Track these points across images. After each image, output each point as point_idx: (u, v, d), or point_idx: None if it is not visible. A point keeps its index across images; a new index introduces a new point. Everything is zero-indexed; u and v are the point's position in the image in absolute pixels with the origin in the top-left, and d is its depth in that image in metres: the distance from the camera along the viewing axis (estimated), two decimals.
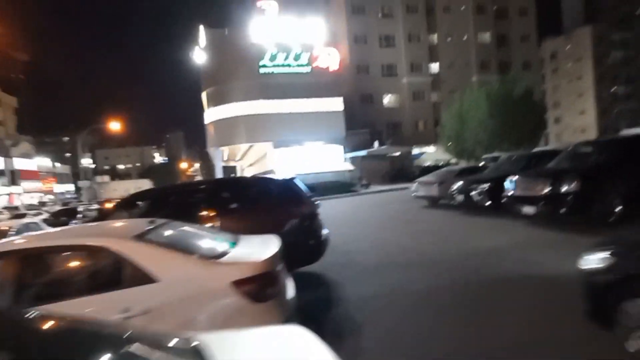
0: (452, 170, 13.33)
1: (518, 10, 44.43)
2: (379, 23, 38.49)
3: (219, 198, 5.35)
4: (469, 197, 9.94)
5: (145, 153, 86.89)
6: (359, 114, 36.31)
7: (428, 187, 12.44)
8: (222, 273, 2.62)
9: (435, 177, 12.60)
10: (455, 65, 41.94)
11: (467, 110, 25.91)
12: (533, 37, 46.06)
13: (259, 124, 30.35)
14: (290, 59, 30.44)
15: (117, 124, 31.89)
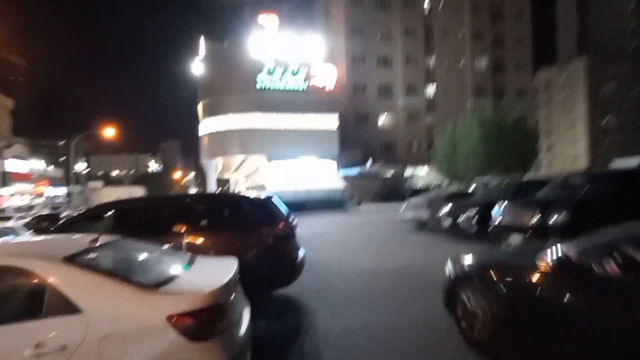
0: (442, 193, 13.15)
1: (514, 38, 45.52)
2: (378, 44, 39.17)
3: (189, 214, 5.06)
4: (457, 223, 9.63)
5: (140, 161, 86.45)
6: (354, 133, 36.42)
7: (416, 210, 12.18)
8: (158, 305, 2.27)
9: (424, 200, 12.32)
10: (451, 89, 42.53)
11: (460, 134, 26.10)
12: (528, 66, 47.09)
13: (253, 137, 30.23)
14: (287, 74, 30.66)
15: (111, 130, 31.73)
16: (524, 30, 46.25)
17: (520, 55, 46.01)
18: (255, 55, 29.87)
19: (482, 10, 43.48)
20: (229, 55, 30.55)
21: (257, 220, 4.93)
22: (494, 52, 44.39)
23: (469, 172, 25.51)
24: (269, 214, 5.05)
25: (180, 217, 4.93)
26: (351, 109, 36.99)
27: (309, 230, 13.10)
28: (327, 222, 17.13)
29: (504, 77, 45.07)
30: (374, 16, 38.71)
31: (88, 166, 72.54)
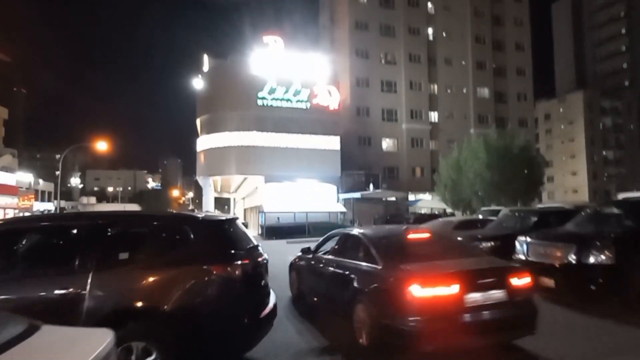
0: (449, 221, 12.14)
1: (515, 70, 45.68)
2: (382, 68, 38.89)
3: (101, 243, 3.34)
4: None
5: (138, 177, 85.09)
6: (356, 156, 35.57)
7: None
8: None
9: (435, 228, 11.41)
10: (453, 116, 42.17)
11: (465, 159, 25.27)
12: (530, 97, 47.00)
13: (252, 156, 29.19)
14: (289, 93, 30.07)
15: (104, 144, 30.53)
16: (525, 62, 46.59)
17: (521, 86, 46.03)
18: (257, 72, 29.17)
19: (483, 41, 43.96)
20: (230, 72, 30.00)
21: (206, 253, 3.34)
22: (496, 82, 44.30)
23: (474, 198, 24.52)
24: (224, 244, 3.49)
25: (87, 246, 3.30)
26: (354, 131, 36.27)
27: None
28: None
29: (506, 107, 44.87)
30: (378, 41, 38.46)
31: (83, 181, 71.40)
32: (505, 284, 3.67)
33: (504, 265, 4.14)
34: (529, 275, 3.84)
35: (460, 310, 3.47)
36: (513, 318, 3.68)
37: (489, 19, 44.18)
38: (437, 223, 12.14)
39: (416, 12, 40.42)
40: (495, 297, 3.60)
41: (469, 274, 3.68)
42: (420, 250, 4.40)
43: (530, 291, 3.88)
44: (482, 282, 3.63)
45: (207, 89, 30.92)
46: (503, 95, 44.93)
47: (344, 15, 38.49)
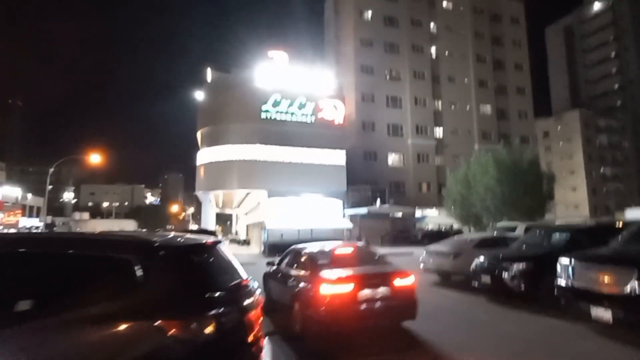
0: (468, 239, 10.41)
1: (515, 88, 45.41)
2: (387, 84, 38.14)
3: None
4: (498, 279, 7.26)
5: (137, 192, 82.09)
6: (361, 171, 34.06)
7: (441, 259, 9.73)
8: None
9: (449, 248, 9.83)
10: (458, 132, 41.28)
11: (474, 174, 23.84)
12: (530, 115, 46.46)
13: (254, 170, 27.47)
14: (294, 107, 28.71)
15: (97, 156, 28.59)
16: (524, 81, 46.35)
17: (522, 104, 45.57)
18: (261, 85, 27.98)
19: (484, 60, 43.72)
20: (234, 84, 28.64)
21: (162, 299, 2.07)
22: (497, 99, 43.92)
23: (484, 214, 22.94)
24: (192, 284, 2.22)
25: None
26: (359, 146, 34.92)
27: None
28: None
29: (508, 123, 44.20)
30: (383, 57, 37.90)
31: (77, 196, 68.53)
32: (389, 283, 4.89)
33: (389, 270, 5.28)
34: (408, 276, 5.05)
35: (355, 302, 4.65)
36: (396, 307, 4.90)
37: (489, 39, 44.28)
38: (455, 242, 10.56)
39: (419, 31, 40.17)
40: (381, 292, 4.80)
41: (361, 276, 4.90)
42: (340, 260, 5.50)
43: (411, 288, 5.09)
44: (371, 282, 4.82)
45: (209, 100, 29.46)
46: (505, 112, 44.41)
47: (349, 33, 38.02)
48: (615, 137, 66.16)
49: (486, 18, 44.20)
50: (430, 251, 10.17)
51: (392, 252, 20.43)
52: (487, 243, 9.55)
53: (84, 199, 73.39)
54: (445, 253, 9.52)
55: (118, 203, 73.47)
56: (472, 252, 8.78)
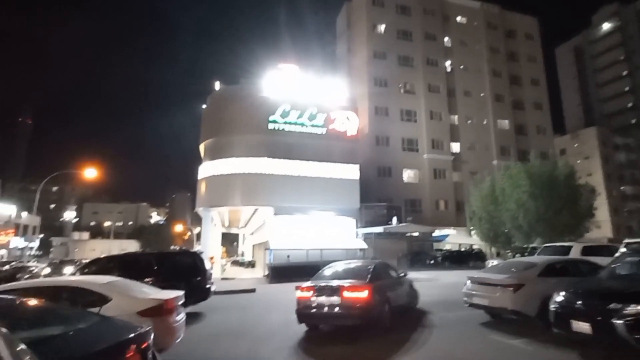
0: (528, 264, 7.44)
1: (533, 104, 43.18)
2: (401, 97, 36.01)
3: None
4: (606, 328, 4.64)
5: (142, 211, 79.45)
6: (375, 187, 31.32)
7: (494, 292, 6.89)
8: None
9: (505, 276, 6.96)
10: (475, 147, 38.71)
11: (502, 189, 20.88)
12: (548, 130, 43.89)
13: (259, 185, 24.87)
14: (304, 117, 26.47)
15: (93, 171, 26.37)
16: (541, 96, 44.12)
17: (539, 119, 43.07)
18: (269, 95, 26.01)
19: (500, 74, 41.81)
20: (240, 93, 26.53)
21: None
22: (515, 114, 41.56)
23: (516, 233, 19.88)
24: None
25: None
26: (373, 161, 32.34)
27: None
28: None
29: (527, 138, 41.56)
30: (396, 70, 36.01)
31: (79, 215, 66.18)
32: (340, 294, 6.43)
33: (341, 285, 6.61)
34: (355, 291, 6.44)
35: (311, 306, 6.65)
36: (344, 313, 6.38)
37: (504, 54, 42.64)
38: (509, 268, 7.44)
39: (433, 45, 38.62)
40: (332, 300, 6.47)
41: (317, 286, 6.75)
42: (328, 274, 7.60)
43: (357, 298, 6.40)
44: (324, 291, 6.58)
45: (213, 111, 27.44)
46: (523, 127, 42.03)
47: (362, 46, 36.58)
48: (633, 155, 63.25)
49: (500, 33, 42.72)
50: (477, 280, 7.42)
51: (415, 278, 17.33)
52: (555, 270, 7.09)
53: (86, 218, 71.03)
54: (500, 284, 6.84)
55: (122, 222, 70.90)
56: (538, 283, 6.58)
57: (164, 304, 4.75)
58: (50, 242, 57.49)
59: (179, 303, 5.25)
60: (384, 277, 7.58)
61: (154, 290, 5.43)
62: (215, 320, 8.71)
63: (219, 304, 11.09)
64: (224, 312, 9.91)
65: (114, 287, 4.87)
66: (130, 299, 4.68)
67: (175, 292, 5.40)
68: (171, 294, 5.16)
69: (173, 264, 9.97)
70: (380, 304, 6.65)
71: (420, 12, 38.27)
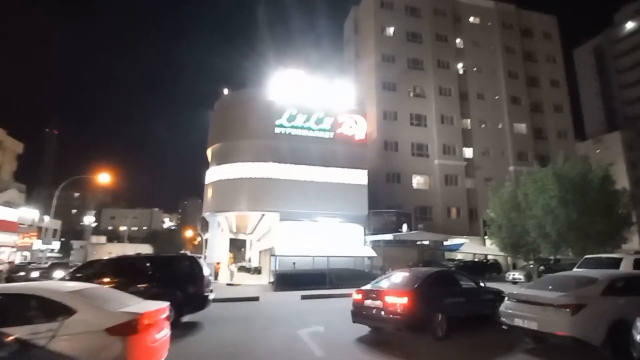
0: (581, 278, 6.32)
1: (552, 106, 41.02)
2: (410, 101, 34.89)
3: None
4: None
5: (155, 217, 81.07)
6: (383, 194, 30.26)
7: (542, 312, 5.63)
8: None
9: (559, 293, 5.69)
10: (490, 152, 37.02)
11: (526, 194, 19.14)
12: (570, 134, 41.54)
13: (266, 190, 24.32)
14: (311, 121, 25.88)
15: (106, 176, 26.82)
16: (562, 98, 41.92)
17: (560, 122, 40.85)
18: (275, 99, 25.48)
19: (516, 76, 39.98)
20: (246, 98, 26.29)
21: None
22: (533, 117, 39.57)
23: (543, 242, 18.18)
24: None
25: None
26: (381, 167, 31.30)
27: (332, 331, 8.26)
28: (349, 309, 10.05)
29: (547, 143, 39.47)
30: (406, 74, 34.93)
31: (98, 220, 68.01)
32: (382, 298, 6.77)
33: (384, 289, 7.06)
34: (396, 296, 6.58)
35: (361, 308, 7.21)
36: (385, 317, 6.64)
37: (520, 55, 40.74)
38: (563, 284, 6.21)
39: (445, 47, 37.35)
40: (376, 304, 6.87)
41: (367, 290, 7.34)
42: (387, 279, 7.94)
43: (397, 304, 6.49)
44: (371, 295, 7.06)
45: (220, 115, 27.26)
46: (542, 131, 39.96)
47: (370, 48, 35.69)
48: None
49: (516, 33, 40.98)
50: (520, 298, 6.18)
51: None
52: (621, 287, 5.77)
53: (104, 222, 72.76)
54: (553, 303, 5.57)
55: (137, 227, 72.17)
56: (602, 303, 5.46)
57: (140, 319, 3.97)
58: (71, 245, 59.16)
59: (162, 317, 4.48)
60: (442, 285, 7.44)
61: (134, 300, 4.67)
62: (210, 334, 7.91)
63: (219, 313, 10.40)
64: (223, 323, 9.10)
65: (81, 296, 4.05)
66: (99, 312, 3.92)
67: (159, 303, 4.65)
68: (152, 306, 4.41)
69: (170, 269, 9.17)
70: (427, 312, 6.59)
71: (430, 13, 37.21)
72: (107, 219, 73.61)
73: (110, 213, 74.59)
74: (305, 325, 8.61)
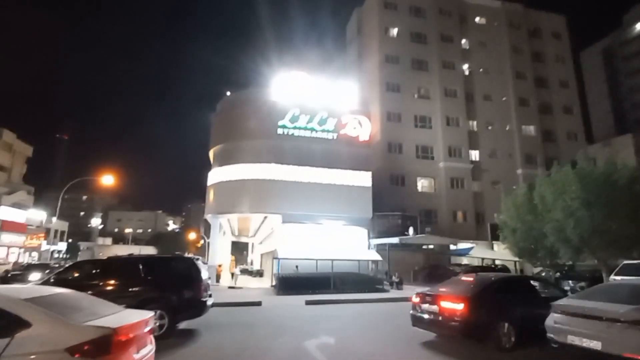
0: None
1: (562, 107, 39.98)
2: (415, 102, 34.13)
3: None
4: None
5: (160, 219, 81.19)
6: (387, 197, 29.43)
7: (606, 330, 4.62)
8: None
9: (632, 306, 4.61)
10: (497, 155, 36.01)
11: (542, 196, 17.98)
12: (580, 136, 40.43)
13: (268, 192, 23.73)
14: (314, 122, 25.29)
15: (110, 177, 26.59)
16: (571, 99, 40.82)
17: (569, 124, 39.71)
18: (278, 99, 24.97)
19: (525, 77, 39.02)
20: (249, 98, 25.82)
21: None
22: (541, 119, 38.47)
23: (563, 247, 17.04)
24: None
25: None
26: (385, 169, 30.55)
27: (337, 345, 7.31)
28: (368, 325, 8.72)
29: (556, 146, 38.34)
30: (410, 75, 34.27)
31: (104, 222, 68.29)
32: (437, 303, 6.43)
33: (439, 294, 6.68)
34: (451, 301, 6.22)
35: (418, 311, 7.00)
36: (441, 322, 6.33)
37: (529, 55, 39.74)
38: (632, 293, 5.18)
39: (450, 47, 36.55)
40: (432, 308, 6.54)
41: (424, 293, 7.00)
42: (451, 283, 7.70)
43: (453, 310, 6.11)
44: (427, 299, 6.77)
45: (222, 116, 26.83)
46: (551, 133, 38.85)
47: (373, 49, 35.05)
48: None
49: (524, 33, 40.03)
50: (575, 311, 5.17)
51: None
52: None
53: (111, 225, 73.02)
54: (623, 319, 4.57)
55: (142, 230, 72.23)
56: None
57: (114, 335, 3.21)
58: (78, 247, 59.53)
59: (144, 330, 3.74)
60: (512, 292, 6.83)
61: (111, 309, 3.88)
62: (207, 344, 7.15)
63: (218, 318, 9.74)
64: (222, 331, 8.39)
65: (39, 305, 3.26)
66: (61, 325, 3.13)
67: (141, 314, 3.88)
68: (131, 317, 3.65)
69: (165, 271, 8.35)
70: (490, 320, 6.11)
71: (435, 13, 36.48)
72: (114, 221, 73.85)
73: (116, 215, 74.89)
74: (312, 335, 7.88)
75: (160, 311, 7.45)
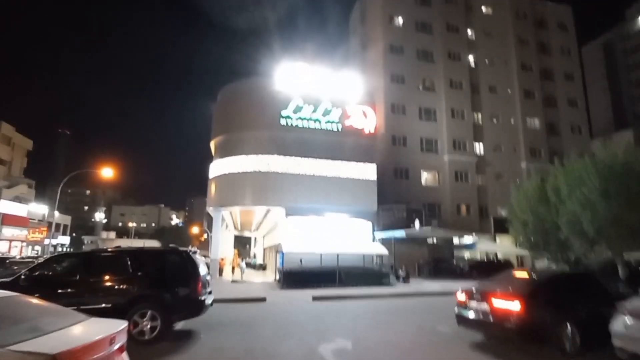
0: None
1: (567, 100, 38.75)
2: (419, 94, 32.89)
3: None
4: None
5: (163, 214, 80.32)
6: (391, 190, 28.37)
7: None
8: None
9: None
10: (501, 148, 34.83)
11: (556, 187, 16.83)
12: (584, 129, 39.20)
13: (271, 184, 22.66)
14: (318, 113, 24.14)
15: (109, 170, 25.45)
16: (576, 92, 39.53)
17: (574, 117, 38.47)
18: (281, 89, 23.83)
19: (530, 68, 37.69)
20: (251, 88, 24.71)
21: None
22: (546, 112, 37.32)
23: (578, 240, 15.95)
24: None
25: None
26: (389, 162, 29.41)
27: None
28: (385, 326, 7.40)
29: (560, 139, 37.19)
30: (415, 66, 32.97)
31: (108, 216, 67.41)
32: (488, 301, 5.69)
33: (491, 291, 5.87)
34: (505, 299, 5.46)
35: (465, 310, 6.25)
36: (493, 323, 5.56)
37: (534, 46, 38.38)
38: None
39: (456, 37, 35.17)
40: (482, 307, 5.79)
41: (471, 290, 6.22)
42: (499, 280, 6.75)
43: (507, 309, 5.39)
44: (476, 297, 6.02)
45: (223, 106, 25.65)
46: (555, 126, 37.66)
47: (377, 40, 33.67)
48: None
49: (530, 24, 38.63)
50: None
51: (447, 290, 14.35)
52: None
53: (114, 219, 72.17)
54: None
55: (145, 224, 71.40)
56: None
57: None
58: (82, 240, 58.84)
59: (109, 350, 2.76)
60: (577, 290, 6.01)
61: (67, 320, 2.94)
62: (205, 348, 6.13)
63: (220, 316, 8.80)
64: (222, 331, 7.38)
65: None
66: None
67: (107, 327, 2.95)
68: (90, 334, 2.74)
69: (156, 266, 7.11)
70: (550, 321, 5.39)
71: (441, 2, 35.00)
72: (117, 216, 72.97)
73: (120, 210, 74.00)
74: (325, 337, 6.83)
75: (152, 311, 6.40)
